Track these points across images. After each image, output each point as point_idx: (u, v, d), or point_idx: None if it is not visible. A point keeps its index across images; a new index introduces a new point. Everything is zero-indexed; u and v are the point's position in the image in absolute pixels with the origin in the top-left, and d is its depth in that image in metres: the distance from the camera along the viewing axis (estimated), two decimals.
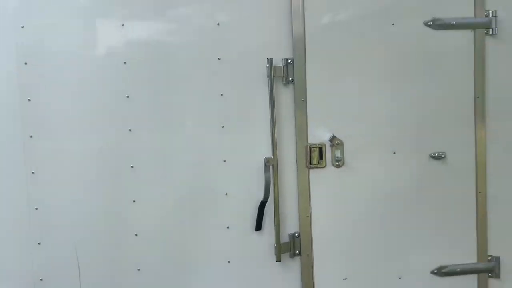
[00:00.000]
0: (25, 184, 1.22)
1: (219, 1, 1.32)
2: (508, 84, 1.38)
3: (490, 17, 1.34)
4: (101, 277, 1.30)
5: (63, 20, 1.23)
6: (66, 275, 1.28)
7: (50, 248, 1.27)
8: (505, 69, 1.37)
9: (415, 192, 1.38)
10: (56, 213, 1.26)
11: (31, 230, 1.24)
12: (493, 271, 1.41)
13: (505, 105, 1.39)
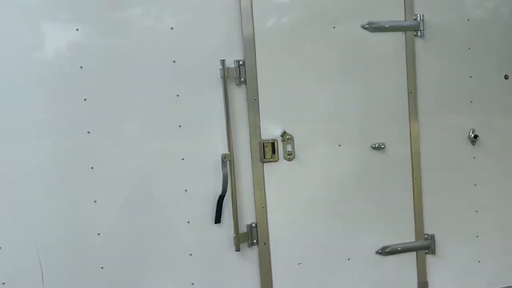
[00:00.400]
0: None
1: (172, 6, 1.37)
2: (436, 79, 1.54)
3: (418, 20, 1.50)
4: (64, 277, 1.33)
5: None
6: (28, 277, 1.29)
7: (11, 251, 1.27)
8: (432, 66, 1.53)
9: (359, 180, 1.52)
10: (16, 216, 1.27)
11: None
12: (429, 248, 1.58)
13: (434, 98, 1.56)
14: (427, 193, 1.56)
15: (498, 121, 1.64)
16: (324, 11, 1.47)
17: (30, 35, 1.27)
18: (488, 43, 1.60)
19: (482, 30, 1.59)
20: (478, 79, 1.59)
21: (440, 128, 1.57)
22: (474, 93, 1.59)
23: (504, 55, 1.61)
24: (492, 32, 1.60)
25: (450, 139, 1.59)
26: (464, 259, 1.63)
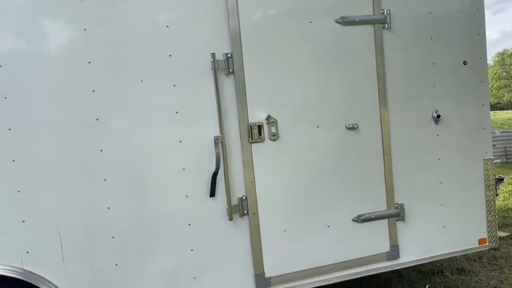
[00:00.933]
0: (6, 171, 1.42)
1: (167, 6, 1.56)
2: (402, 66, 1.75)
3: (385, 14, 1.69)
4: (80, 246, 1.53)
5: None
6: (49, 246, 1.49)
7: (34, 224, 1.47)
8: (399, 55, 1.73)
9: (336, 157, 1.72)
10: (38, 193, 1.47)
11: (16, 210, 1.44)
12: (399, 215, 1.80)
13: (401, 83, 1.76)
14: (396, 167, 1.77)
15: (458, 102, 1.84)
16: (301, 8, 1.66)
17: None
18: (448, 34, 1.79)
19: (442, 22, 1.79)
20: (439, 66, 1.79)
21: (407, 109, 1.78)
22: (436, 78, 1.80)
23: (462, 43, 1.81)
24: (452, 23, 1.80)
25: (416, 119, 1.80)
26: (430, 225, 1.85)
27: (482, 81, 1.89)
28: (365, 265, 1.77)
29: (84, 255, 1.53)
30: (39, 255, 1.48)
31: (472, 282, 2.29)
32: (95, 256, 1.54)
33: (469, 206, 1.89)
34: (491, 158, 1.90)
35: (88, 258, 1.54)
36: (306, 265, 1.72)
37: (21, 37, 1.44)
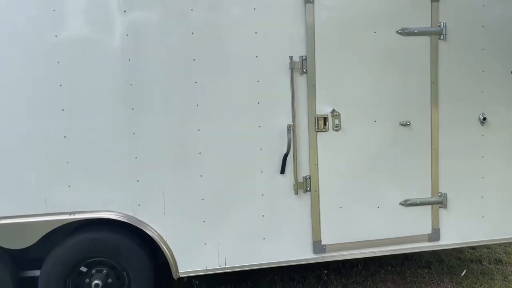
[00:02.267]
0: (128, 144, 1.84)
1: (257, 17, 1.91)
2: (454, 73, 1.98)
3: (442, 27, 1.94)
4: (178, 204, 1.93)
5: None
6: (155, 203, 1.91)
7: (145, 185, 1.89)
8: (451, 62, 1.97)
9: (389, 148, 2.00)
10: (150, 162, 1.88)
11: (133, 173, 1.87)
12: (442, 203, 2.03)
13: (452, 87, 2.00)
14: (443, 161, 2.01)
15: (503, 107, 2.05)
16: (367, 20, 1.95)
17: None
18: (499, 45, 2.00)
19: (494, 34, 2.00)
20: (488, 74, 2.01)
21: (456, 111, 2.01)
22: (485, 84, 2.01)
23: (510, 55, 2.01)
24: (502, 37, 2.00)
25: (464, 120, 2.02)
26: (469, 214, 2.07)
27: None
28: (408, 243, 2.03)
29: (180, 211, 1.93)
30: (147, 208, 1.90)
31: (508, 272, 2.47)
32: (189, 213, 1.93)
33: (508, 200, 2.09)
34: None
35: (183, 214, 1.93)
36: (356, 238, 2.01)
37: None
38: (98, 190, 1.84)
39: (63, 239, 1.87)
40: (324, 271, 2.53)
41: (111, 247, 1.89)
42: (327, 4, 1.91)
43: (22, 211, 1.76)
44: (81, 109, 1.80)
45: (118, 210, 1.88)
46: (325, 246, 1.99)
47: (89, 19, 1.81)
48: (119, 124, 1.83)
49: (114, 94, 1.83)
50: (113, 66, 1.81)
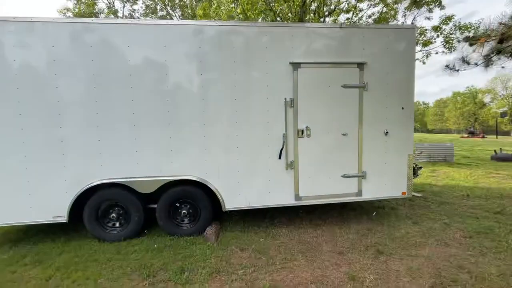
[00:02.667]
0: (202, 139, 3.67)
1: (267, 77, 3.71)
2: (370, 108, 3.80)
3: (365, 83, 3.74)
4: (225, 172, 3.76)
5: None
6: (214, 172, 3.74)
7: (210, 162, 3.72)
8: (369, 102, 3.78)
9: (336, 147, 3.83)
10: (214, 149, 3.71)
11: (204, 155, 3.69)
12: (364, 176, 3.86)
13: (369, 115, 3.81)
14: (364, 154, 3.84)
15: (397, 126, 3.87)
16: (324, 80, 3.75)
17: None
18: (396, 94, 3.81)
19: (383, 87, 3.81)
20: (389, 108, 3.82)
21: (371, 128, 3.82)
22: (387, 114, 3.83)
23: (400, 96, 3.82)
24: (398, 87, 3.81)
25: (375, 132, 3.84)
26: (377, 182, 3.91)
27: (404, 108, 3.88)
28: (345, 197, 3.88)
29: (227, 177, 3.76)
30: (210, 175, 3.72)
31: (399, 213, 4.37)
32: (231, 178, 3.76)
33: (400, 176, 3.93)
34: (412, 154, 3.92)
35: (228, 178, 3.75)
36: (317, 193, 3.85)
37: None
38: (187, 165, 3.66)
39: (168, 189, 3.71)
40: (300, 211, 4.43)
41: (192, 193, 3.74)
42: (304, 72, 3.70)
43: (150, 175, 3.59)
44: (186, 124, 3.61)
45: (196, 175, 3.70)
46: (301, 197, 3.83)
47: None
48: (198, 133, 3.63)
49: (194, 115, 3.64)
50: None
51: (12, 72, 3.23)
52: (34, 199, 3.37)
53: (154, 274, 2.83)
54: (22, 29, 3.23)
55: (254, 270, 2.88)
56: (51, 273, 2.87)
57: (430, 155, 9.89)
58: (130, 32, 3.42)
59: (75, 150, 3.42)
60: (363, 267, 2.90)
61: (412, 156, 3.93)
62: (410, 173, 3.93)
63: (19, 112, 3.27)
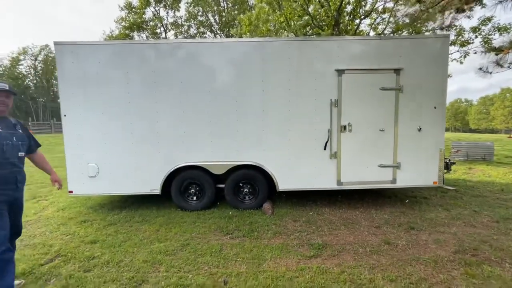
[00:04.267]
0: (261, 134, 4.56)
1: (317, 82, 4.49)
2: (405, 107, 4.41)
3: (401, 86, 4.37)
4: (279, 159, 4.63)
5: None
6: (269, 160, 4.62)
7: (266, 151, 4.61)
8: (404, 103, 4.39)
9: (374, 140, 4.50)
10: (269, 142, 4.59)
11: (262, 146, 4.58)
12: (398, 167, 4.49)
13: (404, 114, 4.42)
14: (399, 148, 4.47)
15: (428, 123, 4.43)
16: (366, 83, 4.44)
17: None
18: (429, 91, 4.38)
19: (424, 90, 4.37)
20: (424, 107, 4.40)
21: (406, 125, 4.43)
22: (420, 112, 4.41)
23: (430, 98, 4.38)
24: (431, 89, 4.37)
25: (409, 127, 4.44)
26: (412, 172, 4.51)
27: (436, 107, 4.41)
28: (382, 184, 4.55)
29: (281, 163, 4.61)
30: (266, 161, 4.59)
31: (429, 200, 4.90)
32: (284, 164, 4.61)
33: (432, 167, 4.49)
34: (444, 148, 4.45)
35: (282, 165, 4.61)
36: (357, 180, 4.57)
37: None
38: (248, 153, 4.58)
39: (234, 172, 4.67)
40: (339, 196, 5.16)
41: (252, 176, 4.66)
42: (348, 77, 4.42)
43: (221, 160, 4.57)
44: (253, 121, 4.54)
45: (255, 161, 4.61)
46: (342, 182, 4.57)
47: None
48: (258, 127, 4.53)
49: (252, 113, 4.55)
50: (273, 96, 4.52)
51: (125, 80, 4.38)
52: (138, 175, 4.51)
53: (231, 232, 3.77)
54: (142, 48, 4.37)
55: (307, 234, 3.71)
56: (157, 228, 3.95)
57: (468, 153, 9.90)
58: (209, 48, 4.40)
59: (166, 140, 4.50)
60: (397, 237, 3.59)
61: (443, 150, 4.47)
62: (442, 165, 4.48)
63: (130, 110, 4.41)
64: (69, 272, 2.81)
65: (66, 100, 4.40)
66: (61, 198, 5.46)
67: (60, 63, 4.36)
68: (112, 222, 4.19)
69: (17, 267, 2.84)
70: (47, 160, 2.94)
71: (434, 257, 3.05)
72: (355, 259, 3.02)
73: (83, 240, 3.57)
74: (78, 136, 4.45)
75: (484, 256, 3.07)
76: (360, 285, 2.54)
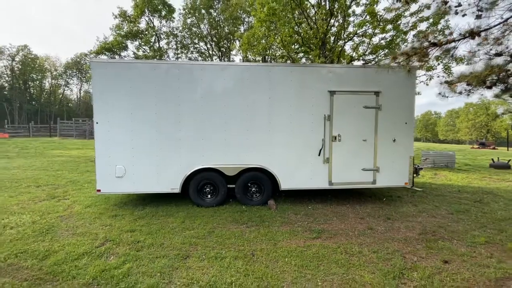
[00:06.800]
0: (268, 139, 5.44)
1: (314, 100, 5.47)
2: (383, 123, 5.49)
3: (379, 105, 5.45)
4: (281, 163, 5.52)
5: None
6: (275, 161, 5.51)
7: (272, 156, 5.49)
8: (382, 119, 5.48)
9: (359, 149, 5.52)
10: (274, 148, 5.49)
11: (269, 150, 5.46)
12: (378, 170, 5.53)
13: (382, 127, 5.50)
14: (378, 155, 5.52)
15: (399, 134, 5.53)
16: (352, 102, 5.48)
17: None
18: (401, 114, 5.49)
19: (398, 106, 5.49)
20: (397, 123, 5.50)
21: (383, 136, 5.51)
22: (395, 128, 5.51)
23: (404, 113, 5.50)
24: (398, 102, 5.49)
25: (386, 139, 5.52)
26: (387, 174, 5.57)
27: (407, 123, 5.53)
28: (363, 184, 5.56)
29: (283, 166, 5.51)
30: (272, 164, 5.48)
31: (402, 201, 6.00)
32: (285, 167, 5.50)
33: (404, 171, 5.58)
34: (413, 156, 5.57)
35: (283, 167, 5.50)
36: (345, 180, 5.55)
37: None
38: (256, 157, 5.43)
39: (244, 173, 5.49)
40: (329, 195, 6.13)
41: (260, 177, 5.51)
42: (338, 97, 5.44)
43: (233, 163, 5.38)
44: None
45: (262, 165, 5.47)
46: (333, 183, 5.54)
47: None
48: (265, 136, 5.42)
49: (264, 122, 5.44)
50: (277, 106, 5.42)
51: (153, 94, 5.12)
52: (160, 176, 5.21)
53: (246, 223, 4.57)
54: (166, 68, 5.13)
55: (307, 223, 4.59)
56: (182, 220, 4.66)
57: (434, 161, 11.37)
58: (224, 70, 5.26)
59: (186, 146, 5.25)
60: (377, 224, 4.56)
61: (412, 157, 5.58)
62: (411, 169, 5.58)
63: (155, 119, 5.13)
64: (123, 251, 3.48)
65: (98, 109, 5.03)
66: (82, 198, 5.98)
67: (94, 77, 5.02)
68: (140, 216, 4.83)
69: (78, 249, 3.49)
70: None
71: (405, 237, 4.03)
72: (347, 239, 3.93)
73: (121, 229, 4.20)
74: (108, 142, 5.08)
75: (440, 236, 4.11)
76: (352, 255, 3.45)
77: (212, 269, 3.04)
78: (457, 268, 3.15)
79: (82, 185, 7.20)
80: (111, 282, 2.76)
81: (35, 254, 3.34)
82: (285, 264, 3.16)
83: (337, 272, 3.01)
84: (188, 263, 3.17)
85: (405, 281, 2.86)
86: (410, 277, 2.93)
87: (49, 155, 13.46)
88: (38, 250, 3.44)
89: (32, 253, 3.37)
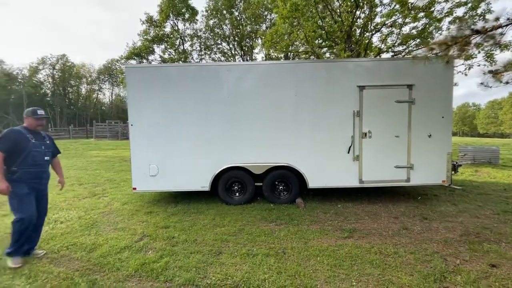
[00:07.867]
0: (295, 139, 5.41)
1: (344, 96, 5.33)
2: (417, 116, 5.21)
3: (413, 99, 5.17)
4: (310, 162, 5.46)
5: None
6: (301, 159, 5.46)
7: (300, 154, 5.45)
8: (416, 113, 5.19)
9: (392, 145, 5.29)
10: (301, 147, 5.44)
11: (296, 149, 5.43)
12: (412, 167, 5.27)
13: (416, 122, 5.22)
14: (412, 151, 5.25)
15: (434, 131, 5.20)
16: (382, 97, 5.26)
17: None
18: (437, 107, 5.17)
19: (429, 103, 5.17)
20: (434, 118, 5.19)
21: (418, 132, 5.22)
22: (432, 121, 5.20)
23: (440, 110, 5.16)
24: (432, 104, 5.16)
25: (421, 135, 5.23)
26: (424, 171, 5.28)
27: (444, 116, 5.19)
28: (397, 182, 5.32)
29: (310, 165, 5.45)
30: (298, 163, 5.44)
31: (441, 197, 5.64)
32: (313, 165, 5.44)
33: (441, 168, 5.25)
34: (451, 152, 5.22)
35: (311, 166, 5.44)
36: (376, 178, 5.35)
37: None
38: (283, 155, 5.42)
39: (271, 172, 5.51)
40: (359, 194, 5.94)
41: (287, 175, 5.50)
42: (368, 92, 5.25)
43: (261, 161, 5.42)
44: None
45: (289, 163, 5.45)
46: (364, 181, 5.37)
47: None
48: (292, 134, 5.39)
49: (289, 120, 5.41)
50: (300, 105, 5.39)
51: (184, 96, 5.31)
52: (191, 175, 5.39)
53: (274, 221, 4.60)
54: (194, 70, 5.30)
55: (338, 222, 4.51)
56: (212, 217, 4.80)
57: (474, 157, 10.55)
58: (251, 69, 5.30)
59: (216, 145, 5.38)
60: (412, 224, 4.36)
61: (450, 153, 5.24)
62: (449, 166, 5.24)
63: (186, 121, 5.32)
64: (160, 246, 3.67)
65: (133, 112, 5.33)
66: (119, 195, 6.38)
67: (129, 82, 5.31)
68: (172, 213, 5.05)
69: (120, 243, 3.74)
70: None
71: (444, 238, 3.81)
72: (381, 239, 3.81)
73: (157, 226, 4.43)
74: (142, 142, 5.36)
75: (485, 237, 3.82)
76: (387, 255, 3.33)
77: (245, 265, 3.10)
78: (507, 273, 2.91)
79: (118, 184, 7.68)
80: (151, 275, 2.93)
81: (83, 247, 3.64)
82: (317, 263, 3.14)
83: (372, 272, 2.93)
84: (221, 259, 3.27)
85: (447, 284, 2.71)
86: (453, 280, 2.77)
87: (87, 156, 14.51)
88: (85, 243, 3.75)
89: (80, 246, 3.67)
